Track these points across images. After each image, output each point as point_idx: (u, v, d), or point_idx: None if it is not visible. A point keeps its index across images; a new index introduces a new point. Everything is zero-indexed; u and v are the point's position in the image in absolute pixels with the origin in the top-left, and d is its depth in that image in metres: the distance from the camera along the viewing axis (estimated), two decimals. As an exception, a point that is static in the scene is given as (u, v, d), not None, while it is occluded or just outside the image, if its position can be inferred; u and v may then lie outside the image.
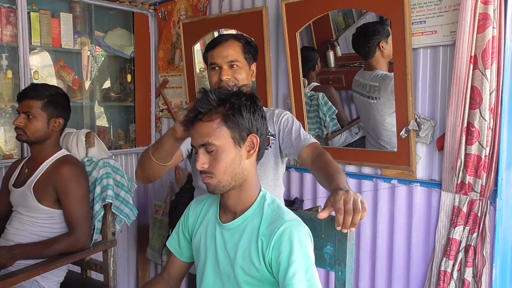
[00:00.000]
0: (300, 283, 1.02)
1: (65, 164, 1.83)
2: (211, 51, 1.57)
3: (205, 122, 1.10)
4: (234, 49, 1.55)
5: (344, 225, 1.04)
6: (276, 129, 1.58)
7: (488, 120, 1.63)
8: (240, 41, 1.57)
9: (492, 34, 1.58)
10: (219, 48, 1.54)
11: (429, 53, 1.81)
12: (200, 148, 1.12)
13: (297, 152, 1.48)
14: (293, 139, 1.51)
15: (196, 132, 1.12)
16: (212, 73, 1.56)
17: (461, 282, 1.73)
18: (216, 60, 1.54)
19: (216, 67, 1.55)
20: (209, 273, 1.20)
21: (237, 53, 1.55)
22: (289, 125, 1.56)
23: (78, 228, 1.79)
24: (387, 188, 1.96)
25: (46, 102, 1.82)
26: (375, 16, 2.17)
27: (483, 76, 1.61)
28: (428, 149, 1.86)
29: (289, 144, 1.52)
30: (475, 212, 1.70)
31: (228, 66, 1.54)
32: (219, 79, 1.53)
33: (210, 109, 1.10)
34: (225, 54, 1.53)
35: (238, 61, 1.54)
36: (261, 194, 1.19)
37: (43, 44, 2.46)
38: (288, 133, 1.54)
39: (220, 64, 1.54)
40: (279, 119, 1.58)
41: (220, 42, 1.55)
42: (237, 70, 1.55)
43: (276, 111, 1.62)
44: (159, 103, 2.99)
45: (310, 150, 1.44)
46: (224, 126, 1.10)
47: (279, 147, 1.58)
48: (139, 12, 2.89)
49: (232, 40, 1.56)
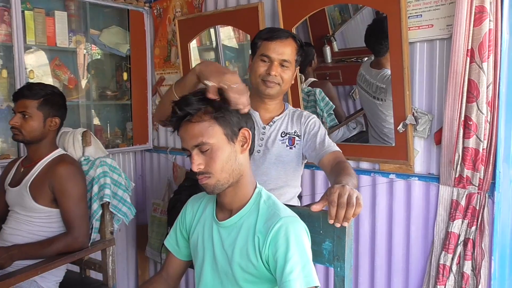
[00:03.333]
0: (297, 279, 1.02)
1: (61, 164, 1.82)
2: (267, 41, 1.55)
3: (195, 123, 1.08)
4: (291, 49, 1.55)
5: (337, 218, 1.04)
6: (302, 131, 1.60)
7: (485, 113, 1.62)
8: (297, 43, 1.58)
9: (488, 27, 1.58)
10: (278, 43, 1.54)
11: (426, 47, 1.81)
12: (193, 150, 1.10)
13: (319, 157, 1.50)
14: (317, 144, 1.53)
15: (187, 134, 1.10)
16: (261, 64, 1.56)
17: (460, 276, 1.73)
18: (271, 53, 1.54)
19: (267, 60, 1.55)
20: (207, 271, 1.20)
21: (292, 54, 1.56)
22: (315, 129, 1.58)
23: (76, 228, 1.79)
24: (385, 182, 1.96)
25: (42, 101, 1.81)
26: (371, 10, 2.17)
27: (480, 69, 1.60)
28: (426, 143, 1.85)
29: (312, 147, 1.54)
30: (473, 205, 1.70)
31: (279, 63, 1.54)
32: (266, 73, 1.54)
33: (199, 109, 1.08)
34: (281, 51, 1.53)
35: (290, 61, 1.55)
36: (257, 191, 1.19)
37: (38, 43, 2.45)
38: (313, 137, 1.56)
39: (273, 59, 1.54)
40: (306, 121, 1.61)
41: (280, 37, 1.54)
42: (285, 69, 1.56)
43: (304, 113, 1.65)
44: (156, 101, 2.98)
45: (332, 158, 1.45)
46: (215, 124, 1.09)
47: (302, 148, 1.60)
48: (135, 10, 2.87)
49: (290, 39, 1.56)
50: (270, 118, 1.65)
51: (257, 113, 1.64)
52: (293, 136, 1.60)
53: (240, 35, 2.62)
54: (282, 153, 1.59)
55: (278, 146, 1.60)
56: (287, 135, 1.61)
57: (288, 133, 1.61)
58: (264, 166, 1.60)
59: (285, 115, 1.65)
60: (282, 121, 1.64)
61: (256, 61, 1.57)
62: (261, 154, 1.60)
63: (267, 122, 1.64)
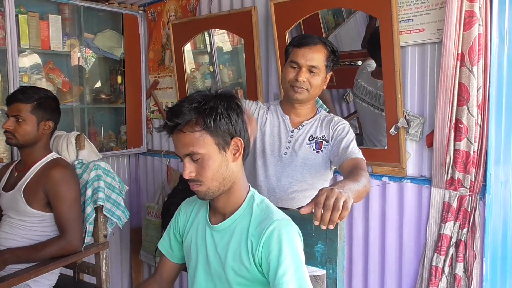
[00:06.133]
0: (290, 282, 1.02)
1: (55, 167, 1.82)
2: (297, 48, 1.57)
3: (186, 133, 1.08)
4: (320, 55, 1.56)
5: (322, 220, 1.03)
6: (330, 135, 1.60)
7: (476, 116, 1.65)
8: (327, 48, 1.58)
9: (478, 31, 1.60)
10: (306, 49, 1.55)
11: (417, 51, 1.83)
12: (185, 158, 1.11)
13: (340, 162, 1.50)
14: (341, 149, 1.53)
15: (179, 143, 1.11)
16: (290, 70, 1.58)
17: (453, 277, 1.74)
18: (299, 60, 1.55)
19: (296, 66, 1.56)
20: (201, 275, 1.20)
21: (320, 60, 1.56)
22: (342, 135, 1.58)
23: (69, 231, 1.79)
24: (378, 185, 1.97)
25: (36, 105, 1.81)
26: (365, 14, 2.18)
27: (470, 73, 1.62)
28: (418, 146, 1.87)
29: (336, 152, 1.55)
30: (465, 207, 1.72)
31: (307, 69, 1.55)
32: (294, 79, 1.56)
33: (190, 120, 1.08)
34: (310, 57, 1.54)
35: (319, 67, 1.56)
36: (250, 194, 1.20)
37: (32, 46, 2.45)
38: (339, 142, 1.56)
39: (301, 65, 1.55)
40: (335, 126, 1.61)
41: (308, 44, 1.55)
42: (314, 75, 1.56)
43: (335, 118, 1.65)
44: (150, 104, 2.99)
45: (351, 164, 1.45)
46: (206, 134, 1.09)
47: (328, 153, 1.60)
48: (129, 14, 2.88)
49: (320, 45, 1.56)
50: (300, 122, 1.66)
51: (287, 117, 1.67)
52: (321, 141, 1.61)
53: (234, 39, 2.63)
54: (309, 156, 1.60)
55: (305, 149, 1.61)
56: (314, 139, 1.62)
57: (316, 137, 1.62)
58: (290, 168, 1.61)
59: (316, 119, 1.66)
60: (311, 125, 1.64)
61: (286, 67, 1.60)
62: (288, 156, 1.62)
63: (296, 126, 1.65)
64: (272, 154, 1.64)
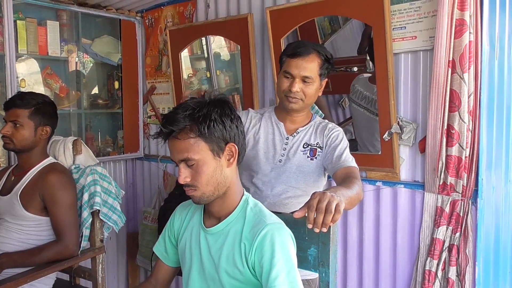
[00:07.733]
0: (282, 285, 1.04)
1: (52, 172, 1.83)
2: (290, 58, 1.57)
3: (181, 140, 1.10)
4: (313, 64, 1.56)
5: (315, 223, 1.04)
6: (324, 142, 1.61)
7: (467, 122, 1.67)
8: (321, 58, 1.57)
9: (469, 39, 1.63)
10: (299, 60, 1.55)
11: (410, 58, 1.86)
12: (180, 163, 1.13)
13: (333, 170, 1.51)
14: (334, 157, 1.54)
15: (174, 149, 1.13)
16: (284, 80, 1.59)
17: (446, 281, 1.76)
18: (292, 70, 1.56)
19: (289, 76, 1.57)
20: (195, 277, 1.22)
21: (314, 69, 1.56)
22: (336, 142, 1.59)
23: (66, 236, 1.79)
24: (372, 190, 1.99)
25: (33, 110, 1.82)
26: (360, 22, 2.21)
27: (461, 79, 1.65)
28: (411, 151, 1.89)
29: (329, 160, 1.56)
30: (457, 212, 1.74)
31: (301, 79, 1.56)
32: (288, 89, 1.57)
33: (184, 127, 1.10)
34: (303, 68, 1.55)
35: (312, 77, 1.56)
36: (244, 198, 1.21)
37: (29, 52, 2.46)
38: (333, 149, 1.57)
39: (294, 75, 1.56)
40: (329, 133, 1.62)
41: (301, 54, 1.55)
42: (308, 85, 1.57)
43: (330, 125, 1.66)
44: (147, 110, 3.01)
45: (344, 172, 1.46)
46: (201, 140, 1.10)
47: (322, 160, 1.61)
48: (126, 20, 2.90)
49: (314, 54, 1.56)
50: (295, 129, 1.67)
51: (282, 124, 1.68)
52: (315, 148, 1.62)
53: (231, 45, 2.65)
54: (303, 163, 1.61)
55: (299, 156, 1.62)
56: (309, 146, 1.63)
57: (310, 144, 1.63)
58: (285, 175, 1.62)
59: (310, 126, 1.67)
60: (306, 132, 1.66)
61: (280, 77, 1.61)
62: (282, 163, 1.63)
63: (291, 133, 1.66)
64: (267, 161, 1.65)
